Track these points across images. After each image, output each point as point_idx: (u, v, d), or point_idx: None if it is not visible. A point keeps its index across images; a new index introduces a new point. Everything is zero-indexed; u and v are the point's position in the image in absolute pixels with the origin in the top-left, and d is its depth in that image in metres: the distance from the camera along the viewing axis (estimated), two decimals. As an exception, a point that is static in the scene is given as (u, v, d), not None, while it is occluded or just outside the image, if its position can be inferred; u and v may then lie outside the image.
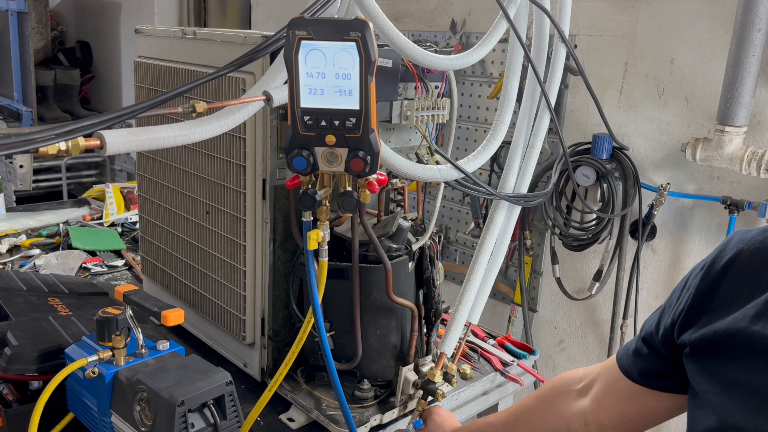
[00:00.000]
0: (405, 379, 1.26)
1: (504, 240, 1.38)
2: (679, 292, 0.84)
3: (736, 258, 0.78)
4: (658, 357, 0.88)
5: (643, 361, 0.90)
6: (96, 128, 0.79)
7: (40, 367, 1.17)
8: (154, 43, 1.49)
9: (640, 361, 0.91)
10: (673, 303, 0.85)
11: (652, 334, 0.88)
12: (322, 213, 0.99)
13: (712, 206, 1.92)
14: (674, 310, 0.84)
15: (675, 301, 0.84)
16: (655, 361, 0.88)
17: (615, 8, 2.08)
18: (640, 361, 0.91)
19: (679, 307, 0.83)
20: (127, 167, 4.52)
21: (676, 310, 0.83)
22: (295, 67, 0.88)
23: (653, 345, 0.88)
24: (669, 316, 0.84)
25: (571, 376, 1.06)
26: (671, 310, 0.84)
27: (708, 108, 1.90)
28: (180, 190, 1.45)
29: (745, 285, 0.75)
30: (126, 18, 4.59)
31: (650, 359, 0.89)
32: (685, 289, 0.83)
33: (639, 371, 0.91)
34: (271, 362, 1.33)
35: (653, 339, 0.88)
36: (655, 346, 0.87)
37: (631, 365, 0.92)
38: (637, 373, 0.91)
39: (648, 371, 0.89)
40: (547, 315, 2.42)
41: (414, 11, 2.71)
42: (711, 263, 0.81)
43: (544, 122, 1.37)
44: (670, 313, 0.84)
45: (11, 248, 2.08)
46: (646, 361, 0.89)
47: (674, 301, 0.85)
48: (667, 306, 0.86)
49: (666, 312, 0.86)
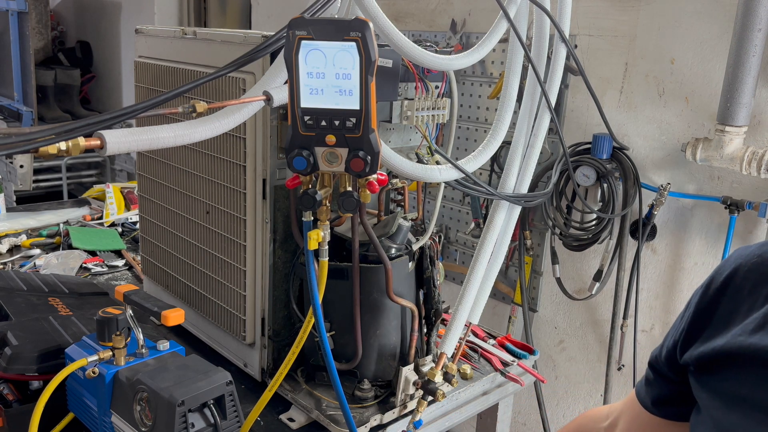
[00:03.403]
0: (405, 379, 1.26)
1: (504, 240, 1.38)
2: (681, 314, 0.85)
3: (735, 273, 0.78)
4: (664, 381, 0.88)
5: (652, 388, 0.90)
6: (96, 128, 0.79)
7: (40, 367, 1.17)
8: (154, 43, 1.49)
9: (650, 388, 0.91)
10: (676, 324, 0.85)
11: (657, 358, 0.88)
12: (322, 213, 0.99)
13: (713, 206, 1.92)
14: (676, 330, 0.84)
15: (678, 322, 0.85)
16: (663, 386, 0.88)
17: (615, 8, 2.08)
18: (651, 389, 0.91)
19: (681, 327, 0.83)
20: (128, 167, 4.52)
21: (677, 330, 0.83)
22: (296, 67, 0.88)
23: (659, 370, 0.88)
24: (671, 338, 0.85)
25: (597, 415, 1.06)
26: (674, 332, 0.84)
27: (708, 108, 1.90)
28: (180, 190, 1.45)
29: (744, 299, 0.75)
30: (126, 18, 4.59)
31: (658, 385, 0.89)
32: (686, 309, 0.83)
33: (651, 400, 0.90)
34: (271, 362, 1.33)
35: (659, 363, 0.88)
36: (661, 370, 0.87)
37: (645, 395, 0.92)
38: (650, 402, 0.91)
39: (659, 398, 0.89)
40: (548, 315, 2.42)
41: (414, 11, 2.71)
42: (710, 281, 0.81)
43: (545, 122, 1.37)
44: (673, 335, 0.84)
45: (11, 248, 2.08)
46: (655, 387, 0.89)
47: (677, 323, 0.85)
48: (671, 330, 0.86)
49: (670, 334, 0.86)
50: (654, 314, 2.11)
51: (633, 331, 2.13)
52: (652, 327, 2.12)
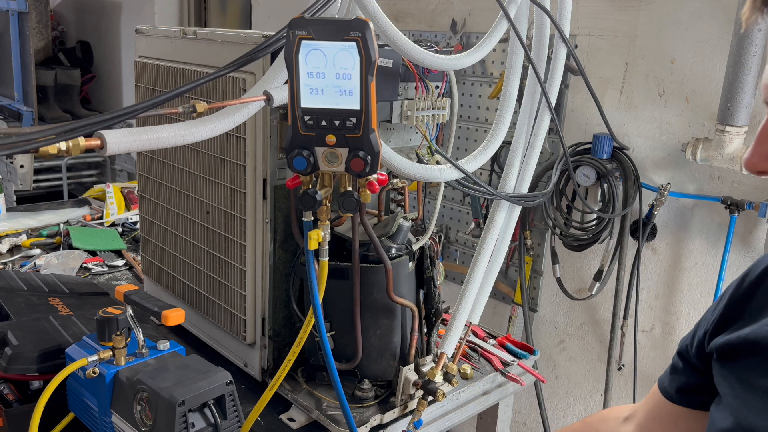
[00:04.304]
0: (405, 379, 1.26)
1: (504, 240, 1.38)
2: (714, 305, 0.86)
3: None
4: (692, 371, 0.88)
5: (679, 377, 0.91)
6: (96, 128, 0.79)
7: (40, 367, 1.17)
8: (155, 43, 1.49)
9: (676, 377, 0.91)
10: (708, 315, 0.86)
11: (687, 348, 0.89)
12: (322, 213, 0.99)
13: (713, 206, 1.92)
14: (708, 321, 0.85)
15: (710, 313, 0.85)
16: (691, 375, 0.89)
17: (615, 8, 2.08)
18: (677, 378, 0.91)
19: (713, 317, 0.84)
20: (128, 167, 4.52)
21: (709, 321, 0.84)
22: (296, 67, 0.88)
23: (688, 359, 0.89)
24: (703, 328, 0.85)
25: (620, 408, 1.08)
26: (706, 322, 0.85)
27: (708, 108, 1.90)
28: (180, 190, 1.45)
29: None
30: (126, 18, 4.59)
31: (686, 374, 0.89)
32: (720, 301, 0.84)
33: (676, 388, 0.91)
34: (271, 362, 1.33)
35: (688, 353, 0.88)
36: (690, 360, 0.88)
37: (668, 384, 0.93)
38: (674, 390, 0.91)
39: (684, 387, 0.90)
40: (548, 315, 2.42)
41: (414, 11, 2.71)
42: (746, 274, 0.82)
43: (545, 122, 1.37)
44: (705, 325, 0.85)
45: (12, 248, 2.08)
46: (682, 376, 0.90)
47: (709, 314, 0.86)
48: (703, 319, 0.87)
49: (701, 324, 0.87)
50: (654, 314, 2.11)
51: (633, 331, 2.13)
52: (653, 327, 2.12)
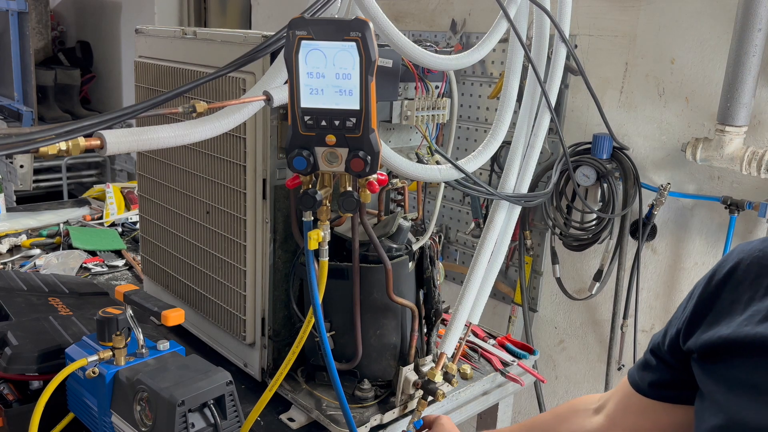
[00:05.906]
0: (405, 379, 1.26)
1: (504, 240, 1.38)
2: (684, 304, 0.88)
3: (737, 266, 0.81)
4: (665, 367, 0.91)
5: (652, 373, 0.93)
6: (96, 128, 0.79)
7: (40, 367, 1.17)
8: (155, 43, 1.49)
9: (649, 373, 0.94)
10: (678, 314, 0.89)
11: (660, 345, 0.91)
12: (322, 213, 0.99)
13: (713, 206, 1.92)
14: (679, 319, 0.87)
15: (680, 312, 0.88)
16: (663, 371, 0.91)
17: (615, 8, 2.08)
18: (649, 374, 0.94)
19: (683, 316, 0.86)
20: (128, 167, 4.52)
21: (680, 319, 0.87)
22: (296, 67, 0.88)
23: (661, 355, 0.91)
24: (675, 326, 0.88)
25: (589, 398, 1.10)
26: (677, 321, 0.88)
27: (708, 108, 1.90)
28: (180, 190, 1.45)
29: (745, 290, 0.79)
30: (126, 18, 4.59)
31: (659, 370, 0.92)
32: (690, 300, 0.87)
33: (648, 383, 0.94)
34: (271, 362, 1.33)
35: (660, 349, 0.91)
36: (663, 356, 0.91)
37: (640, 379, 0.95)
38: (646, 385, 0.94)
39: (657, 382, 0.93)
40: (548, 315, 2.42)
41: (414, 11, 2.71)
42: (713, 273, 0.85)
43: (545, 122, 1.37)
44: (676, 324, 0.88)
45: (11, 248, 2.08)
46: (655, 372, 0.93)
47: (680, 312, 0.88)
48: (674, 317, 0.90)
49: (672, 323, 0.89)
50: (654, 314, 2.11)
51: (633, 331, 2.13)
52: (652, 327, 2.12)
